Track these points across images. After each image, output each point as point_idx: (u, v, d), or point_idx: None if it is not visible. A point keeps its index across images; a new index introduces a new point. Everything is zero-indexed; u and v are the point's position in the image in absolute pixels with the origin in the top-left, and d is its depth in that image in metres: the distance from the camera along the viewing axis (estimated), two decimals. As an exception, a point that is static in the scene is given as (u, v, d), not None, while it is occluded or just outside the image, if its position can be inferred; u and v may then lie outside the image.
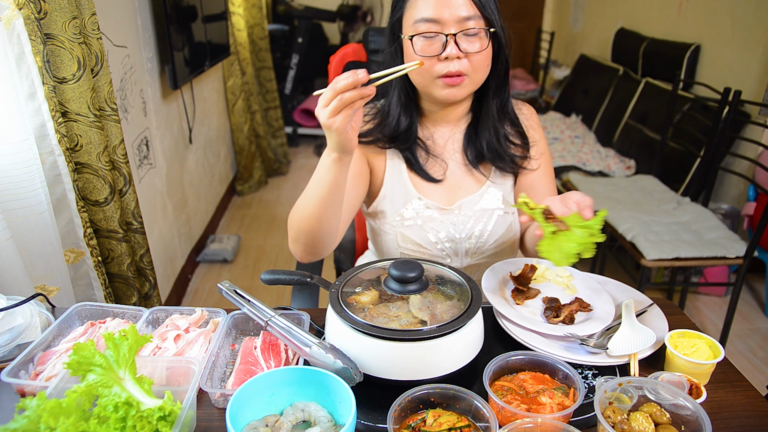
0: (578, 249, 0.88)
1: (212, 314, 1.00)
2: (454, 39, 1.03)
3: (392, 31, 1.14)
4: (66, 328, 0.96)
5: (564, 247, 0.89)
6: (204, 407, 0.84)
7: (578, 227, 0.90)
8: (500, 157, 1.19)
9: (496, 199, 1.21)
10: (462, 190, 1.21)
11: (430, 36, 1.04)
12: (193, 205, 2.98)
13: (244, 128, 3.78)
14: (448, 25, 1.03)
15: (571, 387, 0.80)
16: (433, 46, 1.05)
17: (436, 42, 1.05)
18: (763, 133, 2.59)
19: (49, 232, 1.29)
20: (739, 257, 2.08)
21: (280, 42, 4.80)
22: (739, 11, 2.82)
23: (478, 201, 1.20)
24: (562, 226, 0.91)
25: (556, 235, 0.91)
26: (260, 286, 2.76)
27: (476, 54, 1.05)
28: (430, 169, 1.19)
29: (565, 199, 0.97)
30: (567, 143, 3.52)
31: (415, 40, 1.06)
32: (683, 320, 1.05)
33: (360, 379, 0.80)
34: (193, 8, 2.69)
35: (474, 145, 1.20)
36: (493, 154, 1.19)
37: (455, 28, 1.03)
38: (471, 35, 1.04)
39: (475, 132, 1.20)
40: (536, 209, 0.94)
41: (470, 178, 1.21)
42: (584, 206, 0.93)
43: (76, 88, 1.35)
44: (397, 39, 1.13)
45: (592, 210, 0.92)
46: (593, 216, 0.91)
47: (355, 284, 0.93)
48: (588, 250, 0.89)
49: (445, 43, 1.04)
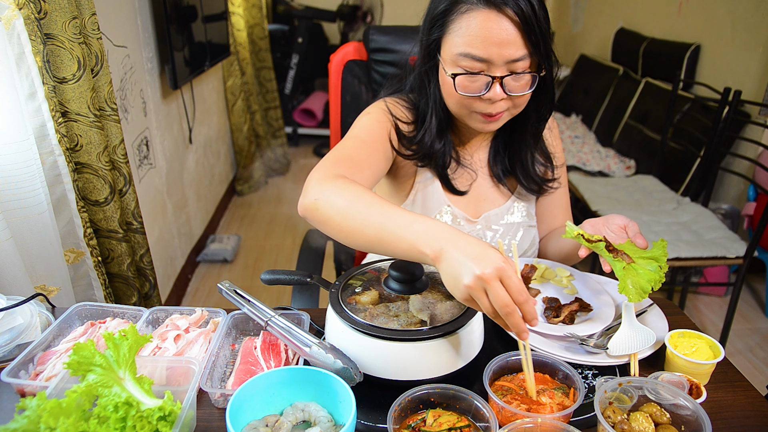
0: (651, 284, 0.87)
1: (212, 314, 1.00)
2: (500, 81, 0.94)
3: (428, 50, 1.02)
4: (66, 328, 0.96)
5: (637, 283, 0.88)
6: (204, 407, 0.84)
7: (643, 259, 0.89)
8: (530, 181, 1.17)
9: (522, 213, 1.20)
10: (487, 202, 1.19)
11: (474, 72, 0.94)
12: (193, 205, 2.98)
13: (244, 128, 3.78)
14: (496, 66, 0.93)
15: (571, 387, 0.80)
16: (475, 84, 0.95)
17: (480, 80, 0.95)
18: (763, 133, 2.59)
19: (49, 232, 1.29)
20: (739, 257, 2.08)
21: (280, 42, 4.80)
22: (739, 11, 2.82)
23: (504, 215, 1.19)
24: (627, 258, 0.90)
25: (626, 271, 0.89)
26: (260, 286, 2.76)
27: (521, 96, 0.98)
28: (458, 180, 1.15)
29: (609, 223, 0.96)
30: (567, 143, 3.52)
31: (457, 77, 0.96)
32: (683, 320, 1.05)
33: (360, 379, 0.80)
34: (193, 8, 2.68)
35: (501, 161, 1.17)
36: (525, 179, 1.17)
37: (502, 71, 0.93)
38: (518, 75, 0.95)
39: (503, 146, 1.17)
40: (593, 240, 0.92)
41: (496, 190, 1.19)
42: (634, 233, 0.92)
43: (76, 88, 1.35)
44: (432, 59, 1.03)
45: (643, 237, 0.91)
46: (646, 243, 0.91)
47: (355, 284, 0.93)
48: (659, 282, 0.88)
49: (489, 83, 0.94)
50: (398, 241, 0.77)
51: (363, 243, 0.81)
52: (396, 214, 0.78)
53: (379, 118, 1.08)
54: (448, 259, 0.71)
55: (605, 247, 0.91)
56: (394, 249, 0.78)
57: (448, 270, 0.72)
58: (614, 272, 0.90)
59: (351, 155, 0.98)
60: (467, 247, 0.71)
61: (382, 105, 1.11)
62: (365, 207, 0.81)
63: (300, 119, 4.90)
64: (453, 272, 0.71)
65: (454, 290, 0.72)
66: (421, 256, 0.75)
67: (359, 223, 0.80)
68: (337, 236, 0.85)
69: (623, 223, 0.96)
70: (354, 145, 1.01)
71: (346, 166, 0.94)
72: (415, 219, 0.77)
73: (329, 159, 0.95)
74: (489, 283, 0.68)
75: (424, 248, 0.74)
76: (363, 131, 1.05)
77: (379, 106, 1.11)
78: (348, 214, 0.82)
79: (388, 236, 0.78)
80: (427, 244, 0.73)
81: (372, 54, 1.48)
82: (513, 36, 0.91)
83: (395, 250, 0.78)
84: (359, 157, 0.99)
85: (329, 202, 0.84)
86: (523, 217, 1.20)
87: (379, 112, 1.09)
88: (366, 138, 1.03)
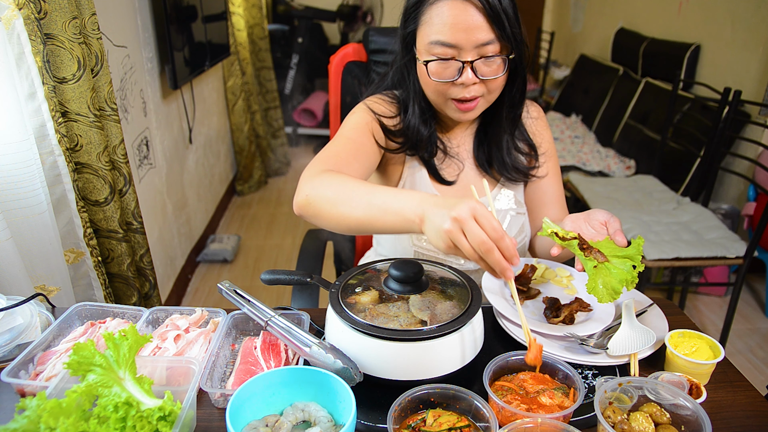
0: (623, 284, 0.84)
1: (212, 314, 1.00)
2: (471, 66, 0.98)
3: (405, 43, 1.08)
4: (66, 328, 0.96)
5: (608, 283, 0.85)
6: (204, 407, 0.84)
7: (617, 258, 0.86)
8: (509, 169, 1.18)
9: (509, 200, 1.21)
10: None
11: (446, 58, 0.99)
12: (193, 205, 2.98)
13: (244, 128, 3.78)
14: (466, 50, 0.97)
15: (571, 387, 0.80)
16: (448, 70, 1.00)
17: (452, 66, 0.99)
18: (763, 133, 2.59)
19: (49, 232, 1.29)
20: (739, 257, 2.08)
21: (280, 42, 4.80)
22: (739, 11, 2.82)
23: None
24: (601, 257, 0.87)
25: (597, 270, 0.86)
26: (260, 286, 2.76)
27: (493, 80, 1.01)
28: (445, 171, 1.18)
29: (590, 219, 0.95)
30: (567, 143, 3.52)
31: (430, 64, 1.01)
32: (683, 320, 1.05)
33: (360, 379, 0.80)
34: (193, 8, 2.68)
35: (484, 150, 1.19)
36: (502, 167, 1.18)
37: (472, 55, 0.98)
38: (488, 59, 0.99)
39: (485, 136, 1.19)
40: (568, 238, 0.89)
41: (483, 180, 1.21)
42: (614, 230, 0.91)
43: (76, 88, 1.35)
44: (409, 51, 1.08)
45: (623, 234, 0.90)
46: (626, 241, 0.88)
47: (355, 284, 0.93)
48: (632, 283, 0.85)
49: (461, 68, 0.99)
50: (385, 215, 0.81)
51: (354, 225, 0.85)
52: (380, 192, 0.83)
53: (363, 116, 1.13)
54: (429, 216, 0.75)
55: (578, 245, 0.89)
56: (384, 223, 0.82)
57: (430, 226, 0.75)
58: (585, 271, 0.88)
59: (338, 152, 1.02)
60: (444, 201, 0.75)
61: (362, 106, 1.15)
62: (351, 191, 0.86)
63: (300, 119, 4.90)
64: (434, 225, 0.74)
65: (438, 242, 0.74)
66: (408, 224, 0.79)
67: (348, 206, 0.85)
68: (330, 224, 0.89)
69: (604, 218, 0.95)
70: (340, 142, 1.06)
71: (334, 162, 0.98)
72: (398, 192, 0.82)
73: (318, 159, 0.99)
74: (464, 223, 0.71)
75: (409, 215, 0.78)
76: (348, 130, 1.09)
77: (359, 108, 1.15)
78: (337, 201, 0.86)
79: (377, 212, 0.82)
80: (412, 210, 0.78)
81: (371, 55, 1.48)
82: (479, 21, 0.96)
83: (384, 224, 0.82)
84: (345, 153, 1.03)
85: (319, 194, 0.88)
86: (509, 204, 1.21)
87: (361, 113, 1.14)
88: (351, 135, 1.07)
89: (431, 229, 0.75)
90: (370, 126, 1.11)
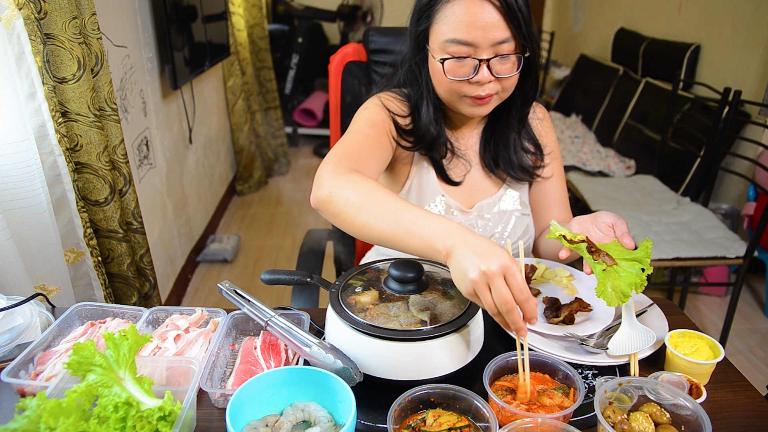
0: (632, 287, 0.84)
1: (212, 314, 1.00)
2: (487, 64, 0.98)
3: (416, 41, 1.07)
4: (66, 328, 0.96)
5: (617, 286, 0.85)
6: (204, 407, 0.84)
7: (626, 261, 0.86)
8: (515, 168, 1.18)
9: (514, 201, 1.21)
10: (481, 192, 1.20)
11: (461, 56, 0.99)
12: (193, 205, 2.98)
13: (244, 128, 3.78)
14: (482, 48, 0.97)
15: (571, 387, 0.80)
16: (463, 69, 1.00)
17: (467, 64, 0.99)
18: (763, 133, 2.59)
19: (49, 232, 1.29)
20: (739, 257, 2.08)
21: (280, 42, 4.80)
22: (739, 11, 2.82)
23: (496, 203, 1.20)
24: (609, 260, 0.87)
25: (606, 273, 0.86)
26: (260, 286, 2.76)
27: (508, 78, 1.01)
28: (452, 170, 1.18)
29: (597, 221, 0.95)
30: (567, 143, 3.52)
31: (446, 62, 1.00)
32: (683, 320, 1.05)
33: (360, 379, 0.80)
34: (193, 8, 2.68)
35: (490, 149, 1.19)
36: (509, 165, 1.18)
37: (488, 53, 0.97)
38: (503, 57, 0.99)
39: (492, 135, 1.19)
40: (576, 241, 0.89)
41: (488, 180, 1.21)
42: (622, 233, 0.91)
43: (76, 88, 1.35)
44: (422, 50, 1.07)
45: (630, 236, 0.90)
46: (633, 243, 0.88)
47: (355, 284, 0.93)
48: (641, 286, 0.85)
49: (477, 66, 0.98)
50: (411, 237, 0.79)
51: (376, 237, 0.83)
52: (410, 211, 0.81)
53: (377, 112, 1.11)
54: (457, 255, 0.74)
55: (586, 249, 0.89)
56: (407, 245, 0.80)
57: (456, 266, 0.74)
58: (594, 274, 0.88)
59: (358, 149, 1.01)
60: (477, 244, 0.73)
61: (377, 101, 1.14)
62: (379, 202, 0.83)
63: (300, 119, 4.90)
64: (461, 267, 0.73)
65: (461, 284, 0.74)
66: (434, 253, 0.77)
67: (373, 217, 0.82)
68: (350, 229, 0.87)
69: (611, 221, 0.95)
70: (359, 139, 1.04)
71: (355, 160, 0.96)
72: (428, 217, 0.79)
73: (338, 152, 0.97)
74: (493, 279, 0.70)
75: (436, 245, 0.76)
76: (365, 125, 1.07)
77: (374, 102, 1.14)
78: (363, 209, 0.83)
79: (402, 232, 0.80)
80: (440, 241, 0.76)
81: (372, 55, 1.48)
82: (496, 19, 0.96)
83: (408, 245, 0.80)
84: (366, 151, 1.01)
85: (343, 196, 0.86)
86: (515, 205, 1.21)
87: (376, 108, 1.12)
88: (369, 132, 1.06)
89: (457, 269, 0.74)
90: (386, 124, 1.10)
